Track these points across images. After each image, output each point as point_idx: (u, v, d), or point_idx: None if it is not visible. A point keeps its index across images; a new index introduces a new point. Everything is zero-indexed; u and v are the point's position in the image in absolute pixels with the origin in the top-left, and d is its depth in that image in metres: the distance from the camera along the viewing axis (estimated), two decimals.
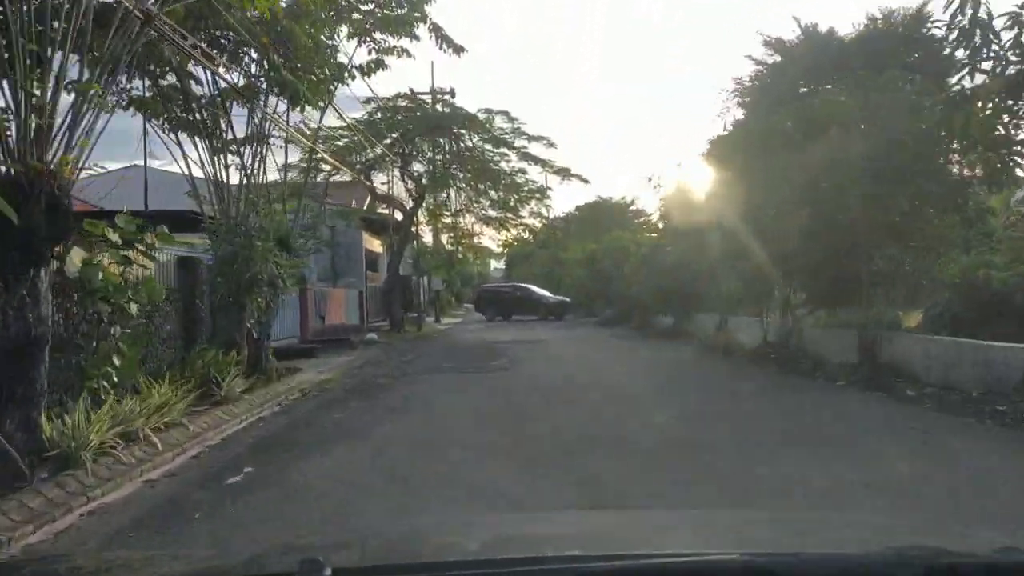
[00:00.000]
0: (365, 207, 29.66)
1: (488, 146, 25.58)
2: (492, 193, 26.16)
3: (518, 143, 25.31)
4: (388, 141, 24.23)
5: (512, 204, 25.49)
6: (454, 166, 25.95)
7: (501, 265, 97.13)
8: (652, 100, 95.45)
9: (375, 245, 32.51)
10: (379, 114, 24.22)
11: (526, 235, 26.78)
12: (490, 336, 24.28)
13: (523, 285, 40.24)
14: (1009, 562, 1.51)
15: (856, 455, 6.85)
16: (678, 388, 12.28)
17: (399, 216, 26.57)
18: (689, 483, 6.04)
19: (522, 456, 7.04)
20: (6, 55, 5.87)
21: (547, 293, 37.61)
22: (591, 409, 9.87)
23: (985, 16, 8.15)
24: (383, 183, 26.67)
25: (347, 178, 24.83)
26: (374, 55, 14.11)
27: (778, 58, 16.66)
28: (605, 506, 5.24)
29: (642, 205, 42.45)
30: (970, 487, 5.87)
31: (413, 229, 27.49)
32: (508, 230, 26.11)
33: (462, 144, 25.58)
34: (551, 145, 26.14)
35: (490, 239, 26.91)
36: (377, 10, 14.10)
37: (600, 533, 2.16)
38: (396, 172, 25.07)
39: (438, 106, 25.28)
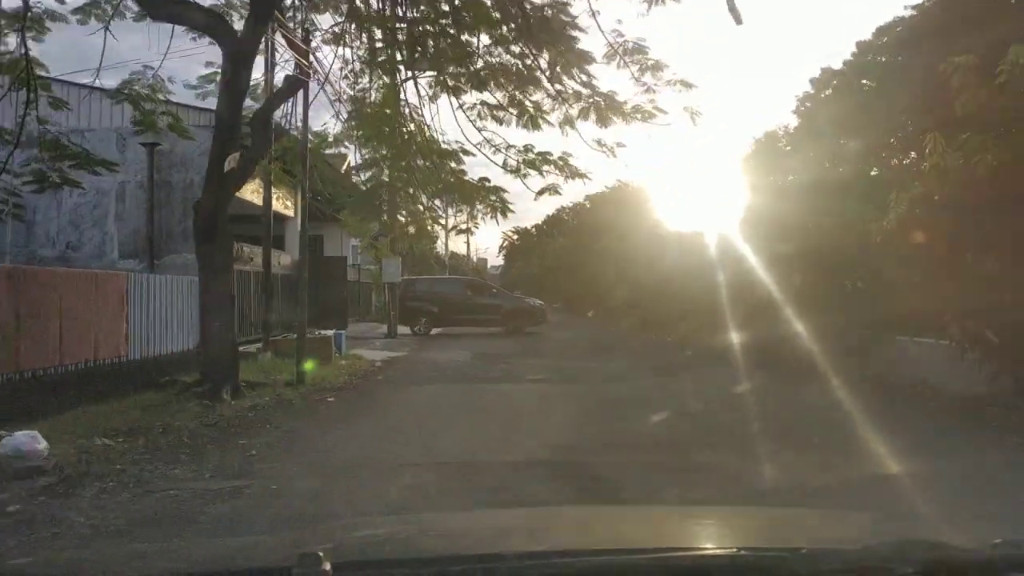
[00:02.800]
0: None
1: None
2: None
3: None
4: None
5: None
6: None
7: (500, 261, 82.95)
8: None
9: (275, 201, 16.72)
10: None
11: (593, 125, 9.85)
12: (510, 446, 7.93)
13: (474, 280, 29.38)
14: (1007, 556, 1.49)
15: None
16: None
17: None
18: None
19: None
20: None
21: (500, 291, 26.43)
22: None
23: None
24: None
25: None
26: None
27: None
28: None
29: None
30: None
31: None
32: (529, 123, 9.73)
33: None
34: None
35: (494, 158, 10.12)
36: None
37: (598, 529, 2.16)
38: None
39: None
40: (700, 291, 17.50)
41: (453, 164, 11.23)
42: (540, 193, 11.03)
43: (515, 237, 77.39)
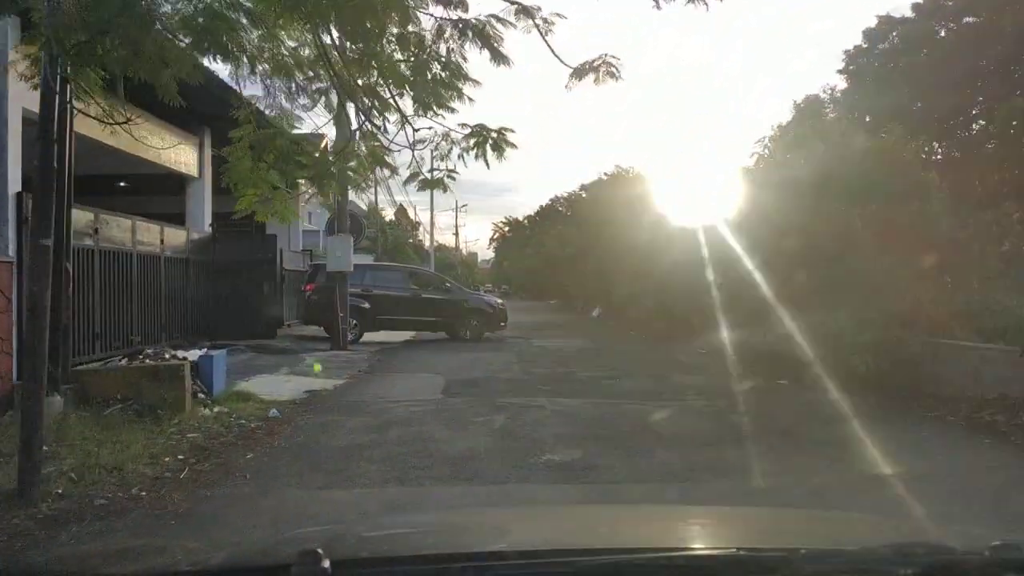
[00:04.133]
0: None
1: None
2: None
3: None
4: None
5: None
6: None
7: (491, 253, 77.51)
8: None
9: (148, 141, 10.98)
10: None
11: None
12: None
13: (419, 269, 24.50)
14: (1009, 559, 1.46)
15: None
16: None
17: None
18: None
19: None
20: None
21: (455, 284, 20.61)
22: None
23: None
24: None
25: None
26: None
27: None
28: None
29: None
30: None
31: None
32: None
33: None
34: None
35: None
36: None
37: (599, 528, 2.14)
38: None
39: None
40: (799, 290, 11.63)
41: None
42: (579, 74, 5.10)
43: (506, 228, 71.84)
